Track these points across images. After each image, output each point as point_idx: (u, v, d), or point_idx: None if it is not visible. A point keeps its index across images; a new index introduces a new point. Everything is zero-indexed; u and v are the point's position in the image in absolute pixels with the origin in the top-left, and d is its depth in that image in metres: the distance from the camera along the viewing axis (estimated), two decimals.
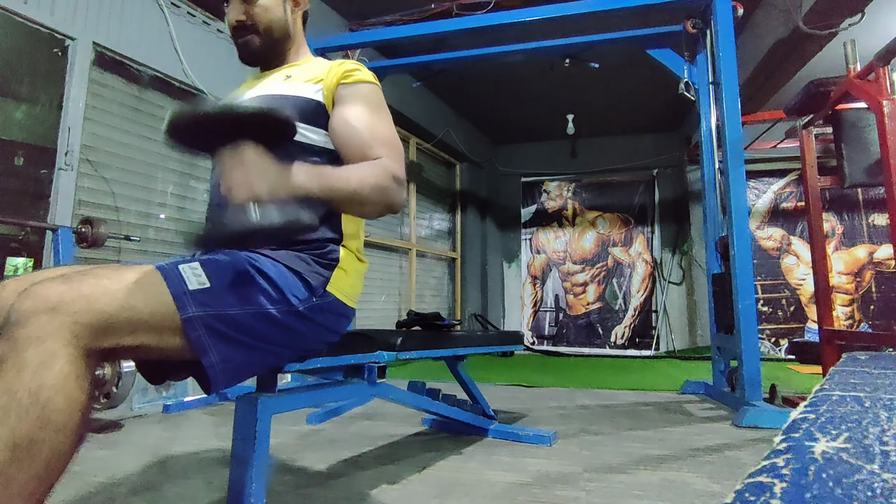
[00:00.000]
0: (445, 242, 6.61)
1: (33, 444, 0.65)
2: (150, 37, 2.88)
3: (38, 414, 0.65)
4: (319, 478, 1.58)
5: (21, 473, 0.64)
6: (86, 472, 1.57)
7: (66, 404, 0.68)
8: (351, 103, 1.10)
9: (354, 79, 1.13)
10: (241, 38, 1.19)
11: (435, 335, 1.80)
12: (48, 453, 0.66)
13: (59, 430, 0.67)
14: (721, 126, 2.74)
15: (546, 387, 3.51)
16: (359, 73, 1.14)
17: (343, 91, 1.12)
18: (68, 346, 0.70)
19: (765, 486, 0.31)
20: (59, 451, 0.67)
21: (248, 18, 1.17)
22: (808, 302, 5.82)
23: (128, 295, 0.78)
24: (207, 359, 0.86)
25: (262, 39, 1.20)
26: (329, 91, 1.12)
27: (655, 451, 1.88)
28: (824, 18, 3.25)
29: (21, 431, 0.64)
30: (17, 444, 0.64)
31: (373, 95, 1.14)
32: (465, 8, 3.73)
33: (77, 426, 0.69)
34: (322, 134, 1.11)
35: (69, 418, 0.68)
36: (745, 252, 2.57)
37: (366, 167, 1.02)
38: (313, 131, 1.10)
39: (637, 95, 5.65)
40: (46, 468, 0.66)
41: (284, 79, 1.18)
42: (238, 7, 1.17)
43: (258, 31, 1.19)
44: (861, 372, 0.79)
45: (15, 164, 2.47)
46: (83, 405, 0.70)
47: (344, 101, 1.11)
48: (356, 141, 1.07)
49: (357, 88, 1.12)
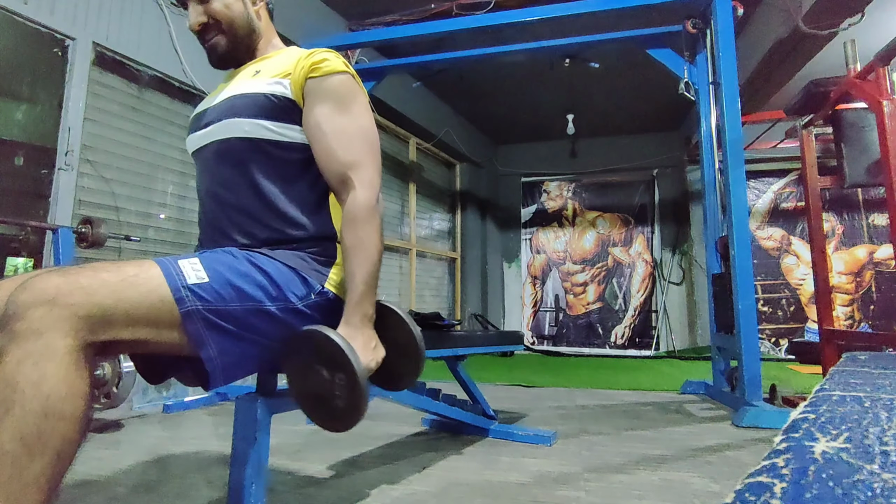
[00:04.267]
0: (445, 242, 6.61)
1: (41, 434, 0.66)
2: (150, 37, 2.88)
3: (41, 405, 0.66)
4: (319, 478, 1.58)
5: (33, 464, 0.65)
6: (86, 472, 1.57)
7: (69, 394, 0.68)
8: (320, 102, 1.06)
9: (322, 71, 1.06)
10: (208, 41, 1.17)
11: (435, 335, 1.80)
12: (57, 442, 0.67)
13: (63, 419, 0.68)
14: (721, 126, 2.74)
15: (546, 387, 3.51)
16: (327, 64, 1.07)
17: (312, 86, 1.06)
18: (67, 338, 0.70)
19: (765, 486, 0.31)
20: (66, 439, 0.68)
21: (210, 18, 1.15)
22: (808, 302, 5.82)
23: (126, 288, 0.78)
24: (205, 352, 0.86)
25: (228, 38, 1.16)
26: (297, 86, 1.07)
27: (655, 451, 1.88)
28: (824, 18, 3.25)
29: (28, 423, 0.65)
30: (24, 435, 0.65)
31: (343, 88, 1.08)
32: (465, 8, 3.73)
33: (81, 415, 0.70)
34: (297, 130, 1.08)
35: (73, 408, 0.69)
36: (745, 252, 2.57)
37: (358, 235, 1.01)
38: (287, 128, 1.07)
39: (637, 95, 5.65)
40: (56, 457, 0.67)
41: (253, 74, 1.14)
42: (197, 9, 1.15)
43: (222, 29, 1.16)
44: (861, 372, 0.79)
45: (15, 164, 2.47)
46: (85, 394, 0.71)
47: (314, 97, 1.06)
48: (324, 148, 1.05)
49: (326, 83, 1.07)
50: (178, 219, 3.05)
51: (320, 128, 1.05)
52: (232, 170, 1.07)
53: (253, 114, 1.05)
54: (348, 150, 1.04)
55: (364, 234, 1.00)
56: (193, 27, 1.16)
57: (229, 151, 1.07)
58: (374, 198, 1.03)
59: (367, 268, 1.00)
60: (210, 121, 1.11)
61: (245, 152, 1.06)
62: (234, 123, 1.06)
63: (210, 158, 1.10)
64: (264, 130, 1.05)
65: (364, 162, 1.05)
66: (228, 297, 0.90)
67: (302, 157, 1.08)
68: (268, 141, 1.06)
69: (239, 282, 0.92)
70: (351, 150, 1.04)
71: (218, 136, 1.08)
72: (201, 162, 1.13)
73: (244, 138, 1.06)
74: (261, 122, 1.05)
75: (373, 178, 1.04)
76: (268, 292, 0.96)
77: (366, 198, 1.02)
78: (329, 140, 1.05)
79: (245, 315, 0.91)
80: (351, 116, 1.07)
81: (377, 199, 1.04)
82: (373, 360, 0.98)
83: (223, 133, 1.07)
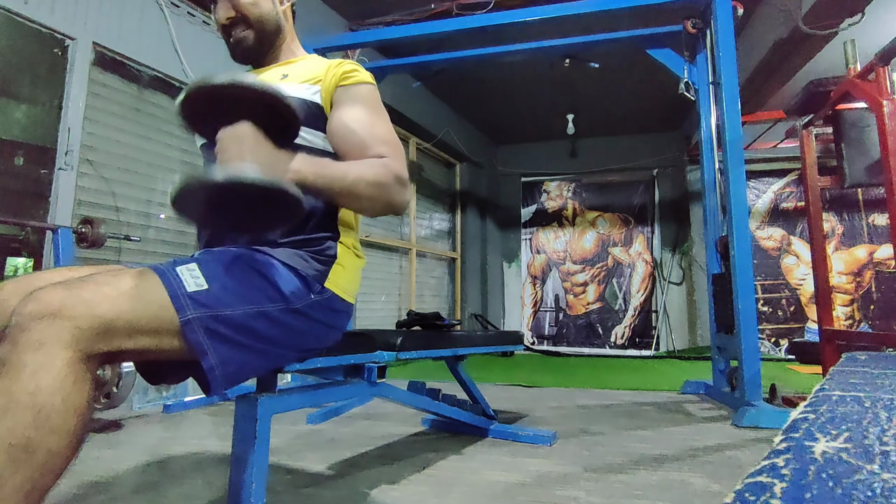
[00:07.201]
0: (445, 242, 6.60)
1: (29, 445, 0.65)
2: (150, 37, 2.88)
3: (34, 416, 0.66)
4: (319, 478, 1.58)
5: (16, 475, 0.64)
6: (86, 472, 1.57)
7: (63, 407, 0.68)
8: (350, 105, 1.10)
9: (353, 80, 1.12)
10: (234, 35, 1.18)
11: (435, 335, 1.80)
12: (44, 455, 0.66)
13: (55, 432, 0.67)
14: (721, 126, 2.74)
15: (546, 387, 3.51)
16: (357, 75, 1.13)
17: (342, 93, 1.11)
18: (68, 350, 0.70)
19: (765, 486, 0.31)
20: (55, 453, 0.67)
21: (238, 13, 1.16)
22: (808, 302, 5.82)
23: (127, 300, 0.78)
24: (207, 361, 0.86)
25: (256, 34, 1.18)
26: (328, 93, 1.11)
27: (655, 451, 1.88)
28: (824, 18, 3.25)
29: (17, 432, 0.64)
30: (12, 444, 0.64)
31: (371, 97, 1.13)
32: (465, 8, 3.74)
33: (74, 429, 0.69)
34: (321, 137, 1.11)
35: (66, 421, 0.68)
36: (745, 252, 2.57)
37: (366, 163, 1.03)
38: (312, 133, 1.09)
39: (637, 95, 5.65)
40: (42, 470, 0.66)
41: (281, 77, 1.16)
42: (226, 4, 1.16)
43: (251, 24, 1.17)
44: (861, 372, 0.79)
45: (15, 164, 2.47)
46: (81, 409, 0.71)
47: (342, 103, 1.10)
48: (356, 142, 1.07)
49: (356, 90, 1.12)
50: (178, 219, 3.05)
51: (349, 126, 1.08)
52: None
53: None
54: (380, 143, 1.07)
55: (373, 173, 1.00)
56: (221, 20, 1.17)
57: None
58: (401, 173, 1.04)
59: (344, 179, 0.97)
60: None
61: None
62: None
63: None
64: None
65: (395, 156, 1.07)
66: (228, 302, 0.89)
67: None
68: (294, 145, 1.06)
69: (238, 286, 0.92)
70: (381, 144, 1.07)
71: None
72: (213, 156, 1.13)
73: None
74: None
75: (403, 170, 1.06)
76: (267, 294, 0.96)
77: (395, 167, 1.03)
78: (361, 135, 1.07)
79: (245, 320, 0.91)
80: (379, 120, 1.11)
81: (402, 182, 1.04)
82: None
83: None
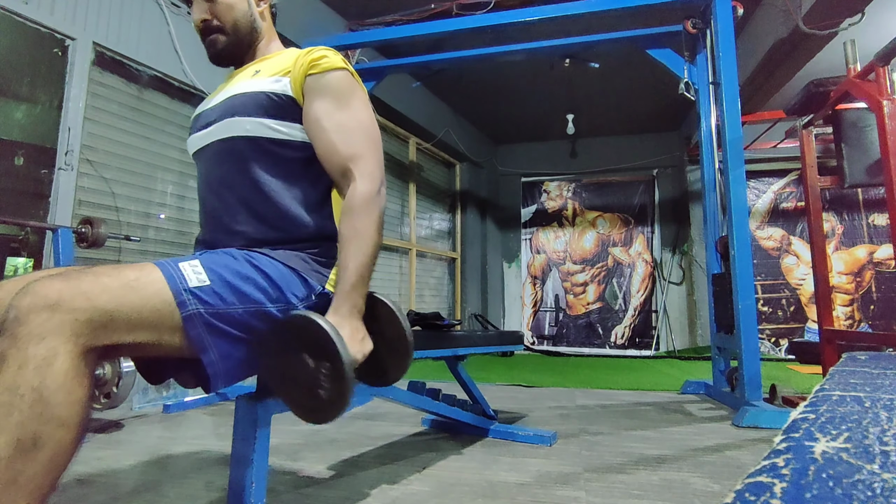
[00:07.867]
0: (445, 242, 6.60)
1: (37, 439, 0.66)
2: (150, 37, 2.88)
3: (40, 410, 0.66)
4: (319, 478, 1.58)
5: (27, 469, 0.65)
6: (86, 472, 1.57)
7: (67, 400, 0.69)
8: (319, 98, 1.06)
9: (322, 67, 1.07)
10: (207, 38, 1.17)
11: (435, 335, 1.80)
12: (52, 449, 0.67)
13: (61, 425, 0.68)
14: (721, 126, 2.74)
15: (546, 387, 3.51)
16: (326, 61, 1.07)
17: (312, 83, 1.07)
18: (68, 343, 0.70)
19: (765, 486, 0.31)
20: (62, 446, 0.68)
21: (213, 17, 1.15)
22: (808, 302, 5.82)
23: (128, 292, 0.78)
24: (207, 356, 0.86)
25: (228, 37, 1.17)
26: (297, 83, 1.07)
27: (655, 451, 1.88)
28: (824, 18, 3.25)
29: (25, 428, 0.65)
30: (21, 440, 0.65)
31: (341, 84, 1.08)
32: (465, 8, 3.73)
33: (79, 421, 0.70)
34: (297, 128, 1.08)
35: (71, 414, 0.69)
36: (745, 252, 2.57)
37: (356, 221, 0.99)
38: (288, 126, 1.07)
39: (637, 95, 5.65)
40: (51, 463, 0.67)
41: (253, 74, 1.14)
42: (201, 6, 1.15)
43: (224, 30, 1.16)
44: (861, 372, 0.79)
45: (15, 164, 2.47)
46: (84, 401, 0.71)
47: (313, 94, 1.07)
48: (327, 145, 1.05)
49: (325, 79, 1.07)
50: (178, 219, 3.05)
51: (320, 123, 1.05)
52: (233, 169, 1.07)
53: (254, 112, 1.06)
54: (349, 144, 1.04)
55: (361, 224, 0.99)
56: (196, 23, 1.17)
57: (231, 150, 1.07)
58: (374, 189, 1.02)
59: (361, 258, 0.98)
60: (211, 121, 1.11)
61: (246, 151, 1.06)
62: (235, 122, 1.06)
63: (211, 158, 1.10)
64: (265, 129, 1.05)
65: (365, 154, 1.04)
66: (229, 299, 0.90)
67: (303, 156, 1.08)
68: (269, 139, 1.06)
69: (240, 284, 0.92)
70: (351, 143, 1.04)
71: (219, 135, 1.08)
72: (203, 162, 1.13)
73: (245, 137, 1.06)
74: (262, 120, 1.05)
75: (373, 170, 1.04)
76: (268, 294, 0.96)
77: (365, 189, 1.01)
78: (330, 135, 1.05)
79: (246, 317, 0.91)
80: (350, 111, 1.07)
81: (378, 191, 1.02)
82: (359, 352, 0.96)
83: (224, 132, 1.07)
